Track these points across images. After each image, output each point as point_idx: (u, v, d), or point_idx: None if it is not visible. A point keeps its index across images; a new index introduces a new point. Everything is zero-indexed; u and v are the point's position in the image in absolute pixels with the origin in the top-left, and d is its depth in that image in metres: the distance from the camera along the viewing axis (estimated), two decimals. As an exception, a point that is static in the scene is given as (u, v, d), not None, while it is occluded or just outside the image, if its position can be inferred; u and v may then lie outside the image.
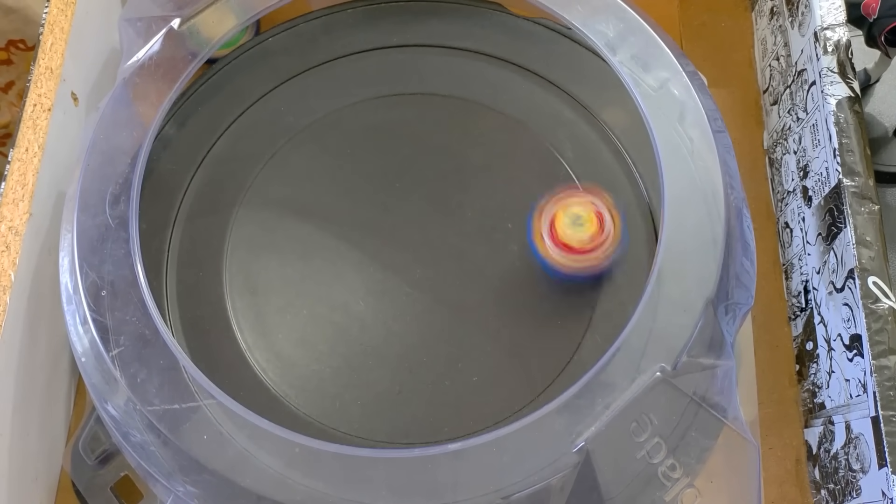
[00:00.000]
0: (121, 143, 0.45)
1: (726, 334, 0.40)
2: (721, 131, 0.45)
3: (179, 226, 0.50)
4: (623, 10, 0.48)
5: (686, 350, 0.38)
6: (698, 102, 0.45)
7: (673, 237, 0.41)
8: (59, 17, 0.48)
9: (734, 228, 0.42)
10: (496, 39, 0.55)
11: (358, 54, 0.55)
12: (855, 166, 0.46)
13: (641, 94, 0.45)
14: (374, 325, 0.47)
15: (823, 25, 0.50)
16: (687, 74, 0.46)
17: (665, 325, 0.39)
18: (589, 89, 0.53)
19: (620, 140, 0.52)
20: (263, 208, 0.50)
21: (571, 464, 0.36)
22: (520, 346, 0.47)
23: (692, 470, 0.37)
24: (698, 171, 0.43)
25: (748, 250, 0.43)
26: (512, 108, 0.53)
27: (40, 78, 0.47)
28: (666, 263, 0.40)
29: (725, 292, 0.41)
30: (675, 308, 0.40)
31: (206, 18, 0.48)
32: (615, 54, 0.47)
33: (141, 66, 0.47)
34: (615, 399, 0.37)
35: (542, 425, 0.37)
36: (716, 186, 0.43)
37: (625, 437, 0.37)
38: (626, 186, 0.50)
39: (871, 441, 0.41)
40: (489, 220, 0.50)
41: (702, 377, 0.39)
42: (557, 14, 0.49)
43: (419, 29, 0.55)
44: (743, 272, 0.42)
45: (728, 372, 0.39)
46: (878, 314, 0.42)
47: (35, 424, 0.46)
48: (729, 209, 0.42)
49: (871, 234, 0.44)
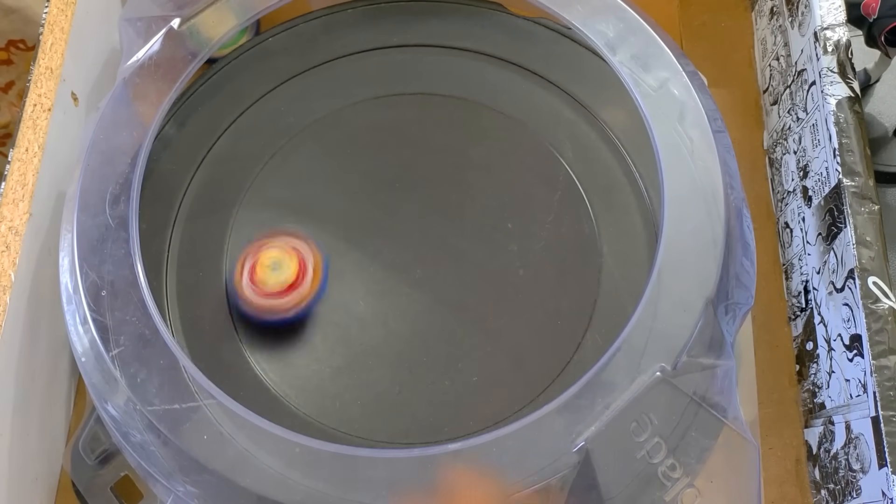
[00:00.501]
0: (121, 142, 0.45)
1: (726, 334, 0.40)
2: (721, 131, 0.45)
3: (179, 226, 0.50)
4: (623, 9, 0.48)
5: (686, 350, 0.38)
6: (698, 102, 0.45)
7: (673, 237, 0.41)
8: (59, 17, 0.48)
9: (734, 228, 0.42)
10: (496, 39, 0.55)
11: (358, 54, 0.55)
12: (855, 166, 0.46)
13: (641, 94, 0.45)
14: (374, 325, 0.47)
15: (823, 25, 0.50)
16: (687, 74, 0.46)
17: (665, 324, 0.39)
18: (589, 89, 0.53)
19: (620, 140, 0.52)
20: (263, 208, 0.50)
21: (571, 463, 0.36)
22: (520, 346, 0.47)
23: (692, 470, 0.37)
24: (698, 172, 0.43)
25: (748, 250, 0.43)
26: (512, 107, 0.53)
27: (40, 78, 0.47)
28: (666, 263, 0.40)
29: (725, 292, 0.41)
30: (675, 308, 0.40)
31: (206, 18, 0.48)
32: (615, 54, 0.47)
33: (141, 66, 0.47)
34: (615, 399, 0.37)
35: (542, 425, 0.37)
36: (716, 186, 0.43)
37: (625, 437, 0.37)
38: (625, 186, 0.50)
39: (871, 441, 0.41)
40: (489, 220, 0.50)
41: (702, 377, 0.38)
42: (557, 14, 0.49)
43: (419, 29, 0.55)
44: (743, 272, 0.42)
45: (728, 372, 0.39)
46: (878, 314, 0.42)
47: (35, 424, 0.46)
48: (729, 209, 0.42)
49: (871, 234, 0.44)
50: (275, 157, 0.52)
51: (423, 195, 0.51)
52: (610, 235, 0.49)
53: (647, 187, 0.50)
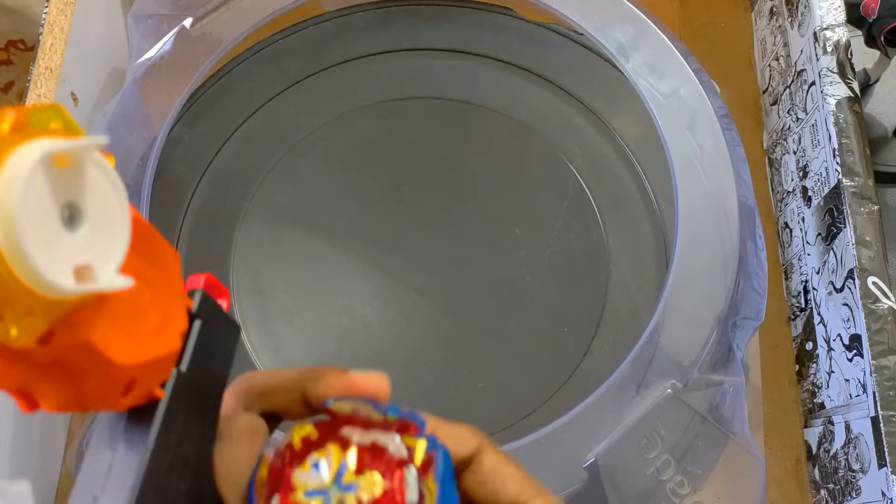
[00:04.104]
0: (131, 143, 0.45)
1: (736, 350, 0.40)
2: (736, 144, 0.44)
3: (187, 227, 0.50)
4: (636, 16, 0.48)
5: (697, 366, 0.38)
6: (712, 111, 0.45)
7: (685, 252, 0.41)
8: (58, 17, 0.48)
9: (747, 242, 0.42)
10: (507, 44, 0.54)
11: (368, 57, 0.54)
12: (854, 166, 0.46)
13: (654, 102, 0.45)
14: (380, 331, 0.47)
15: (823, 26, 0.50)
16: (700, 83, 0.46)
17: (676, 340, 0.39)
18: (600, 96, 0.53)
19: (630, 148, 0.52)
20: (271, 212, 0.50)
21: (580, 479, 0.36)
22: (526, 353, 0.46)
23: (700, 486, 0.37)
24: (711, 184, 0.43)
25: (760, 264, 0.42)
26: (522, 113, 0.53)
27: (40, 78, 0.46)
28: (678, 279, 0.40)
29: (736, 308, 0.41)
30: (686, 324, 0.40)
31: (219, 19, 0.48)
32: (628, 61, 0.47)
33: (152, 66, 0.46)
34: (626, 415, 0.37)
35: (552, 440, 0.37)
36: (729, 199, 0.43)
37: (635, 454, 0.37)
38: (634, 194, 0.50)
39: (870, 441, 0.41)
40: (497, 226, 0.50)
41: (711, 393, 0.38)
42: (569, 19, 0.48)
43: (430, 33, 0.55)
44: (755, 287, 0.42)
45: (737, 388, 0.39)
46: (877, 314, 0.42)
47: (35, 425, 0.46)
48: (742, 223, 0.42)
49: (870, 234, 0.44)
50: (284, 160, 0.51)
51: (432, 200, 0.51)
52: (618, 243, 0.49)
53: (657, 195, 0.50)
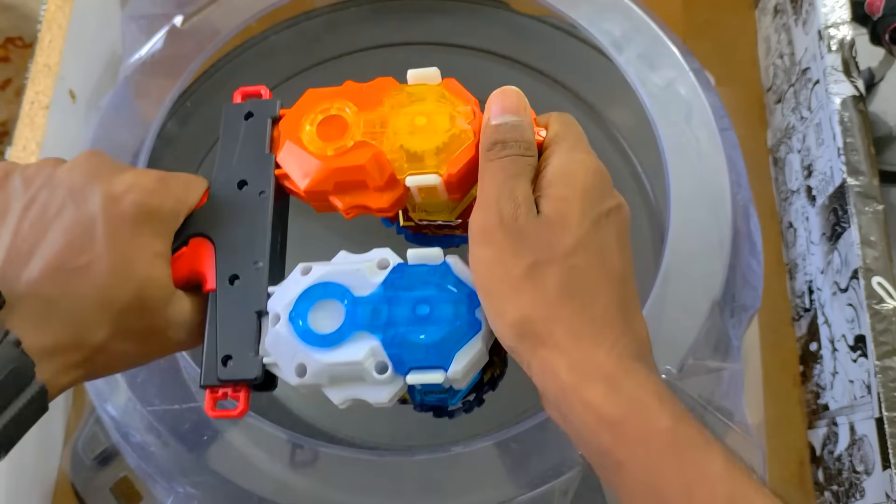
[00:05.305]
0: (123, 140, 0.45)
1: (733, 337, 0.39)
2: (727, 129, 0.44)
3: (180, 225, 0.49)
4: (629, 8, 0.48)
5: (692, 352, 0.38)
6: (704, 101, 0.45)
7: (679, 239, 0.41)
8: (56, 14, 0.48)
9: (741, 229, 0.42)
10: (500, 37, 0.54)
11: (361, 52, 0.54)
12: (859, 165, 0.46)
13: (648, 94, 0.45)
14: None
15: (827, 24, 0.50)
16: (693, 73, 0.46)
17: (670, 327, 0.39)
18: (594, 88, 0.53)
19: (625, 138, 0.51)
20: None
21: (575, 468, 0.36)
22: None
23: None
24: (705, 172, 0.43)
25: (755, 251, 0.42)
26: (516, 106, 0.52)
27: (38, 75, 0.46)
28: (671, 265, 0.40)
29: (732, 294, 0.40)
30: (680, 310, 0.39)
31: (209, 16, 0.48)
32: (621, 53, 0.46)
33: (143, 64, 0.46)
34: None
35: (547, 428, 0.36)
36: (722, 186, 0.42)
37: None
38: (630, 185, 0.50)
39: (875, 442, 0.41)
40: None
41: (708, 380, 0.38)
42: (563, 12, 0.48)
43: (423, 26, 0.55)
44: (750, 273, 0.42)
45: (735, 375, 0.39)
46: (882, 314, 0.42)
47: (34, 424, 0.46)
48: (736, 209, 0.42)
49: (875, 234, 0.44)
50: (277, 156, 0.51)
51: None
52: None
53: (653, 186, 0.50)
